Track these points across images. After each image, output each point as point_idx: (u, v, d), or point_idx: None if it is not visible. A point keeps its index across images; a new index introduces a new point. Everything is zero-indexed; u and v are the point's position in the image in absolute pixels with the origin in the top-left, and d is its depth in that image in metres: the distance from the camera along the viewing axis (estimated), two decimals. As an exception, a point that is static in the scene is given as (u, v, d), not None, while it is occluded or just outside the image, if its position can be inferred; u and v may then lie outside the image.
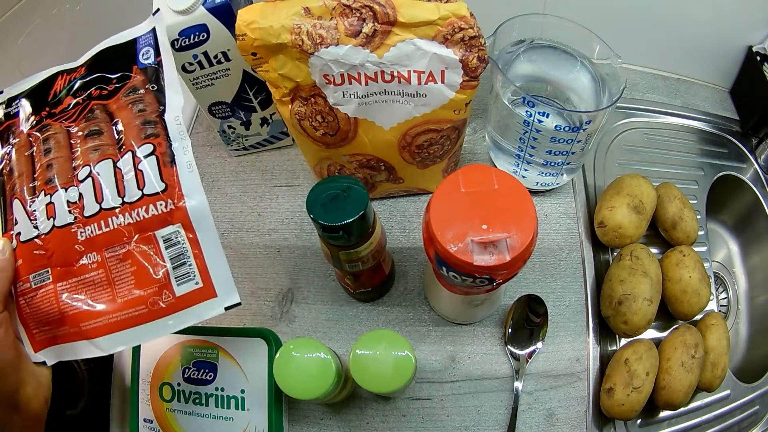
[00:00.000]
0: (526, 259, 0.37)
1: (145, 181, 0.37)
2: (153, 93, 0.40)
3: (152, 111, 0.39)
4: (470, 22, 0.41)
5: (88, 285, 0.38)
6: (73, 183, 0.39)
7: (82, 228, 0.38)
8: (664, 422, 0.52)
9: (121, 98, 0.40)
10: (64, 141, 0.41)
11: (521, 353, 0.52)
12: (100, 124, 0.40)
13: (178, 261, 0.37)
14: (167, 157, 0.38)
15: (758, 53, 0.64)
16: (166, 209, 0.37)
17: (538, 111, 0.47)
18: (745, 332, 0.64)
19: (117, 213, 0.37)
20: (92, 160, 0.39)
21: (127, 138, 0.39)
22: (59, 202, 0.38)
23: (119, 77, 0.41)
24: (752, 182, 0.65)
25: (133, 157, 0.38)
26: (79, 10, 0.66)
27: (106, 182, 0.38)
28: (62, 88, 0.43)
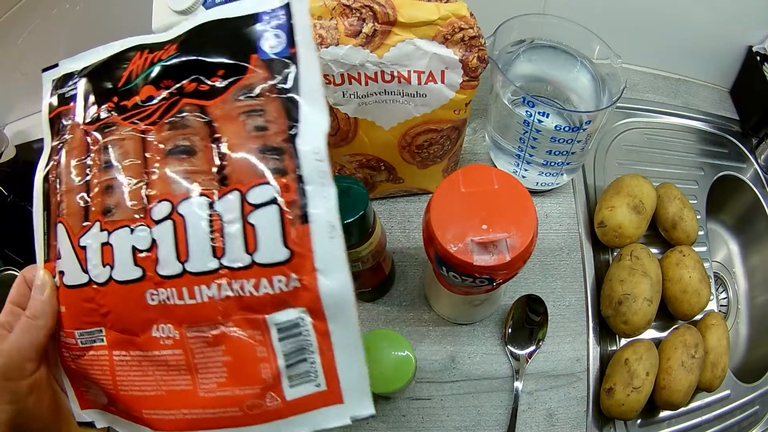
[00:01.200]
0: (526, 259, 0.37)
1: (258, 242, 0.25)
2: (280, 102, 0.27)
3: (278, 131, 0.26)
4: (470, 22, 0.41)
5: (158, 364, 0.27)
6: (144, 221, 0.27)
7: (155, 290, 0.27)
8: (664, 422, 0.52)
9: (229, 101, 0.27)
10: (136, 153, 0.28)
11: (521, 353, 0.52)
12: (192, 137, 0.27)
13: (297, 357, 0.26)
14: (297, 209, 0.25)
15: (758, 53, 0.64)
16: (286, 287, 0.25)
17: (538, 111, 0.47)
18: (745, 332, 0.64)
19: (210, 280, 0.26)
20: (176, 194, 0.27)
21: (235, 168, 0.26)
22: (121, 245, 0.27)
23: (228, 67, 0.28)
24: (752, 182, 0.65)
25: (242, 201, 0.26)
26: (79, 10, 0.66)
27: (196, 231, 0.26)
28: (140, 71, 0.29)
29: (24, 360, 0.28)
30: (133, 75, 0.30)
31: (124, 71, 0.30)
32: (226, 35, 0.28)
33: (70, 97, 0.31)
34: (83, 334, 0.29)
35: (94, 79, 0.31)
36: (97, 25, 0.68)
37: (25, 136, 0.77)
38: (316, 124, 0.26)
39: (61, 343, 0.30)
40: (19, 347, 0.28)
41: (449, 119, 0.47)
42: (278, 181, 0.25)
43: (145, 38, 0.31)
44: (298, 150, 0.26)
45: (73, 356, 0.29)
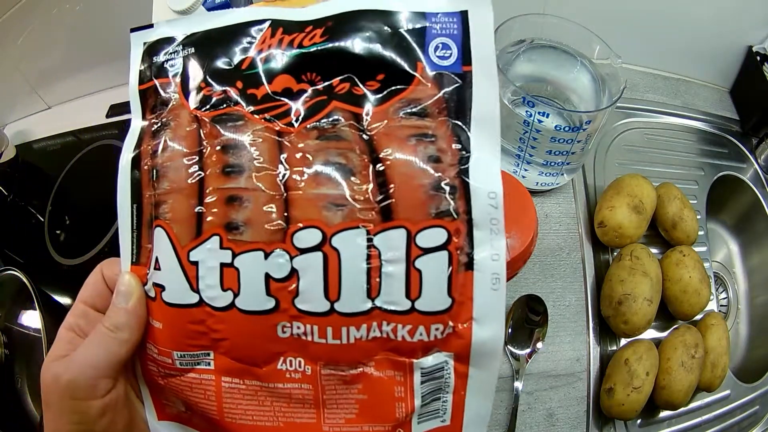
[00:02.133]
0: (526, 260, 0.37)
1: (422, 289, 0.23)
2: (450, 127, 0.23)
3: (451, 163, 0.23)
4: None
5: (278, 397, 0.25)
6: (283, 246, 0.23)
7: (288, 324, 0.23)
8: (664, 422, 0.52)
9: (390, 115, 0.23)
10: (271, 160, 0.23)
11: (521, 353, 0.52)
12: (349, 154, 0.23)
13: (432, 397, 0.25)
14: (464, 256, 0.23)
15: (758, 53, 0.64)
16: (441, 335, 0.23)
17: (538, 111, 0.47)
18: (745, 332, 0.64)
19: (360, 322, 0.23)
20: (329, 222, 0.22)
21: (403, 202, 0.22)
22: (252, 272, 0.23)
23: (391, 72, 0.23)
24: (752, 182, 0.65)
25: (410, 242, 0.22)
26: (79, 10, 0.66)
27: (353, 270, 0.22)
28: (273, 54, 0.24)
29: (97, 377, 0.23)
30: (264, 57, 0.24)
31: (251, 50, 0.24)
32: (388, 32, 0.23)
33: (171, 68, 0.25)
34: (185, 356, 0.24)
35: (206, 51, 0.25)
36: (97, 25, 0.68)
37: (25, 136, 0.78)
38: (490, 159, 0.22)
39: (149, 357, 0.26)
40: (93, 363, 0.23)
41: (449, 119, 0.47)
42: (449, 224, 0.22)
43: (277, 12, 0.24)
44: (471, 188, 0.22)
45: (164, 374, 0.25)
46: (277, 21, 0.25)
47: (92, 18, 0.67)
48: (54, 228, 0.67)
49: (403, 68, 0.23)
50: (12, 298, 0.58)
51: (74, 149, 0.72)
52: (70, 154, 0.72)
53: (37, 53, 0.71)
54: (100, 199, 0.68)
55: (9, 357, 0.56)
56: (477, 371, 0.24)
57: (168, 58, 0.25)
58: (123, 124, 0.73)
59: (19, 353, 0.57)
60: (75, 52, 0.72)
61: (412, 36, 0.23)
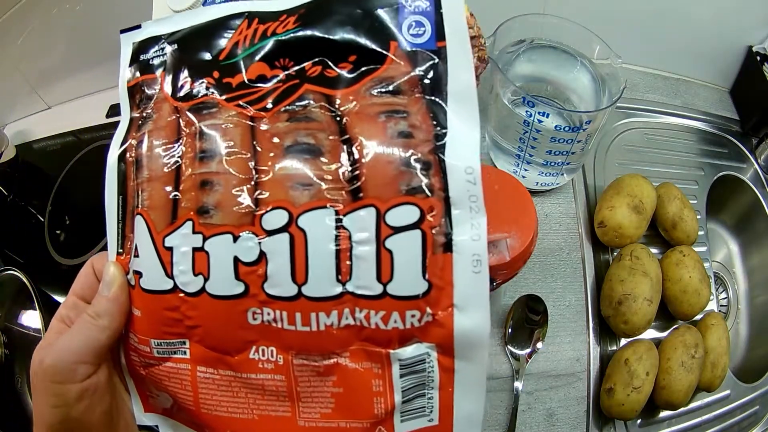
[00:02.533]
0: (526, 260, 0.37)
1: (394, 271, 0.22)
2: (425, 103, 0.22)
3: (424, 139, 0.22)
4: (470, 22, 0.40)
5: (252, 388, 0.24)
6: (252, 229, 0.22)
7: (259, 309, 0.23)
8: (664, 422, 0.52)
9: (362, 94, 0.23)
10: (243, 144, 0.23)
11: (521, 353, 0.52)
12: (318, 134, 0.23)
13: (415, 392, 0.24)
14: (441, 236, 0.21)
15: (758, 53, 0.64)
16: (418, 322, 0.22)
17: (538, 111, 0.47)
18: (745, 332, 0.64)
19: (330, 308, 0.22)
20: (296, 202, 0.22)
21: (372, 180, 0.22)
22: (221, 255, 0.23)
23: (362, 53, 0.23)
24: (752, 182, 0.65)
25: (379, 221, 0.22)
26: (79, 10, 0.66)
27: (320, 251, 0.22)
28: (249, 43, 0.25)
29: (76, 362, 0.24)
30: (239, 47, 0.25)
31: (228, 41, 0.25)
32: (359, 14, 0.23)
33: (156, 65, 0.26)
34: (161, 344, 0.25)
35: (187, 46, 0.26)
36: (97, 25, 0.68)
37: (25, 136, 0.78)
38: (467, 134, 0.22)
39: (130, 346, 0.26)
40: (73, 348, 0.24)
41: (449, 119, 0.47)
42: (422, 201, 0.21)
43: (253, 4, 0.25)
44: (446, 165, 0.22)
45: (144, 363, 0.26)
46: (253, 12, 0.25)
47: (92, 18, 0.67)
48: (54, 228, 0.67)
49: (374, 48, 0.23)
50: (12, 298, 0.58)
51: (74, 149, 0.72)
52: (70, 154, 0.72)
53: (37, 53, 0.71)
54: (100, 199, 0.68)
55: (9, 357, 0.56)
56: (464, 364, 0.23)
57: (154, 56, 0.26)
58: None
59: (19, 353, 0.57)
60: (75, 52, 0.72)
61: (385, 16, 0.23)
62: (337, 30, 0.23)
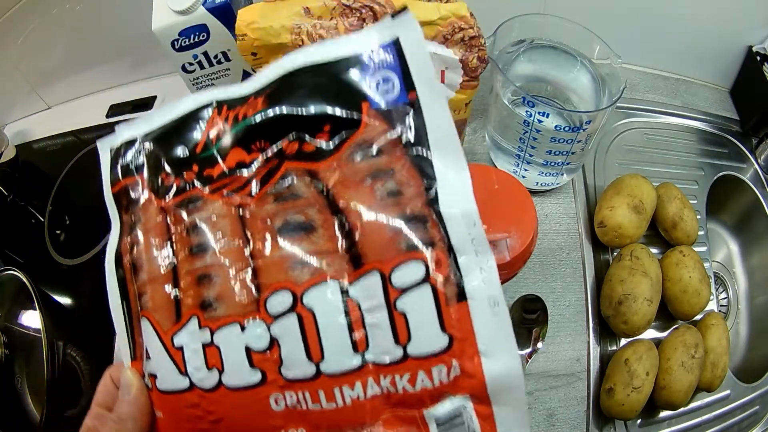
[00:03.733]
0: (526, 260, 0.37)
1: (411, 331, 0.21)
2: (409, 159, 0.22)
3: (414, 194, 0.22)
4: (470, 22, 0.41)
5: None
6: (258, 315, 0.23)
7: (281, 394, 0.22)
8: (664, 422, 0.52)
9: (345, 162, 0.22)
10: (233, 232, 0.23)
11: (521, 353, 0.52)
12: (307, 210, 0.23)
13: None
14: (452, 286, 0.21)
15: (758, 53, 0.64)
16: (447, 378, 0.21)
17: (538, 111, 0.47)
18: (745, 332, 0.64)
19: (353, 380, 0.22)
20: (298, 281, 0.22)
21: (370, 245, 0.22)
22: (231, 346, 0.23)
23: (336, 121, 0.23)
24: (752, 182, 0.65)
25: (385, 284, 0.21)
26: (79, 10, 0.66)
27: (330, 325, 0.22)
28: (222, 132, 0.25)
29: None
30: (214, 138, 0.25)
31: (202, 134, 0.25)
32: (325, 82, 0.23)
33: (137, 167, 0.27)
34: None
35: (163, 145, 0.26)
36: (97, 25, 0.68)
37: (25, 136, 0.78)
38: (457, 179, 0.22)
39: None
40: None
41: (449, 119, 0.47)
42: (424, 256, 0.21)
43: (220, 92, 0.26)
44: (443, 215, 0.21)
45: None
46: (221, 101, 0.25)
47: (92, 18, 0.67)
48: (54, 228, 0.67)
49: (346, 114, 0.22)
50: (12, 298, 0.58)
51: (74, 149, 0.72)
52: (70, 154, 0.72)
53: (37, 53, 0.71)
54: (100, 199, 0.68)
55: (9, 357, 0.56)
56: (503, 409, 0.22)
57: (133, 158, 0.27)
58: (123, 124, 0.73)
59: (19, 353, 0.57)
60: (75, 52, 0.72)
61: (352, 79, 0.23)
62: (306, 102, 0.23)
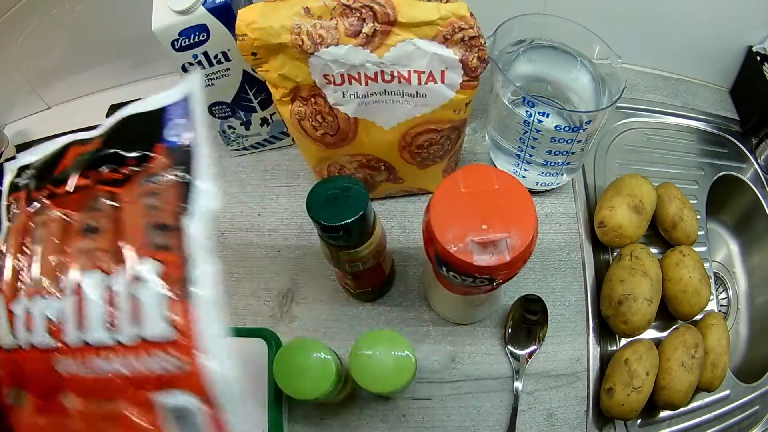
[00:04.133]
0: (526, 259, 0.37)
1: (142, 316, 0.26)
2: (177, 185, 0.28)
3: (169, 211, 0.27)
4: (470, 22, 0.41)
5: None
6: (56, 293, 0.28)
7: (62, 358, 0.27)
8: (664, 422, 0.52)
9: (136, 187, 0.29)
10: (59, 233, 0.30)
11: (521, 353, 0.52)
12: (100, 219, 0.29)
13: None
14: (179, 283, 0.26)
15: (758, 53, 0.64)
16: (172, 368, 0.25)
17: (538, 111, 0.47)
18: (745, 332, 0.64)
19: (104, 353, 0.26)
20: (82, 269, 0.28)
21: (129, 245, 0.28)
22: (38, 314, 0.28)
23: (138, 158, 0.30)
24: (752, 182, 0.65)
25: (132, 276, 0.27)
26: (79, 10, 0.66)
27: (92, 304, 0.27)
28: (71, 162, 0.33)
29: None
30: (67, 165, 0.33)
31: (60, 163, 0.33)
32: (140, 127, 0.31)
33: (23, 185, 0.35)
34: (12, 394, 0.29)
35: (40, 171, 0.34)
36: (97, 25, 0.68)
37: (24, 136, 0.77)
38: (207, 205, 0.28)
39: None
40: None
41: (449, 119, 0.47)
42: (164, 257, 0.26)
43: (81, 135, 0.34)
44: (186, 229, 0.27)
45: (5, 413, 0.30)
46: (79, 140, 0.34)
47: (92, 18, 0.67)
48: (54, 228, 0.67)
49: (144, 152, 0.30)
50: (12, 298, 0.58)
51: (74, 149, 0.72)
52: (70, 154, 0.71)
53: (37, 53, 0.71)
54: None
55: (9, 357, 0.56)
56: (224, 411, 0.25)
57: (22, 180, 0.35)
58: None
59: (19, 353, 0.57)
60: (75, 52, 0.72)
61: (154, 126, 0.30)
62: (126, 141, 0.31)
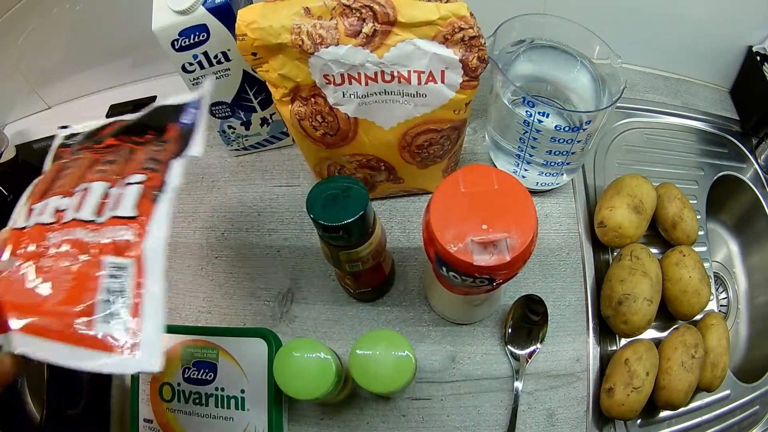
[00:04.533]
0: (526, 259, 0.37)
1: (120, 204, 0.37)
2: (177, 144, 0.41)
3: (166, 155, 0.40)
4: (470, 22, 0.41)
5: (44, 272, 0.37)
6: (69, 194, 0.40)
7: (52, 233, 0.37)
8: (664, 422, 0.52)
9: (150, 146, 0.42)
10: (86, 164, 0.43)
11: (521, 353, 0.52)
12: (118, 157, 0.43)
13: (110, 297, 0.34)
14: (153, 193, 0.37)
15: (758, 53, 0.64)
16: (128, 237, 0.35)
17: (538, 111, 0.47)
18: (745, 332, 0.64)
19: (84, 225, 0.37)
20: (92, 179, 0.40)
21: (130, 168, 0.40)
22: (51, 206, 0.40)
23: (157, 128, 0.43)
24: (752, 182, 0.65)
25: (127, 182, 0.38)
26: (79, 10, 0.66)
27: (91, 198, 0.38)
28: (110, 132, 0.46)
29: None
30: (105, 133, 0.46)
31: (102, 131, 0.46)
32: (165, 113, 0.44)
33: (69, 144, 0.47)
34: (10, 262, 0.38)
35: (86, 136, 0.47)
36: (97, 25, 0.68)
37: (24, 136, 0.78)
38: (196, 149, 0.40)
39: None
40: None
41: (449, 119, 0.47)
42: (149, 173, 0.39)
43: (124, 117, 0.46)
44: (172, 165, 0.39)
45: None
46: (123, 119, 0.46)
47: (92, 18, 0.67)
48: (54, 228, 0.67)
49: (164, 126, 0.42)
50: (12, 297, 0.58)
51: (74, 149, 0.72)
52: (70, 154, 0.72)
53: (37, 53, 0.71)
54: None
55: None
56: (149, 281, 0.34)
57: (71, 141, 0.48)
58: (123, 124, 0.73)
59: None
60: (75, 52, 0.72)
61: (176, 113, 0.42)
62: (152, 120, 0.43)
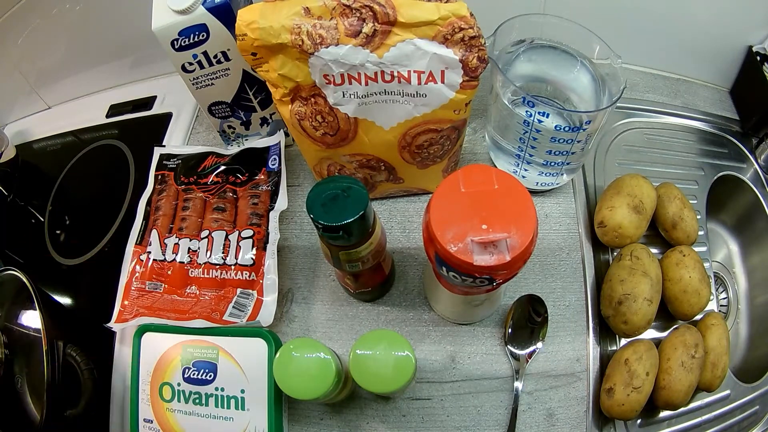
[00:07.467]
0: (526, 259, 0.37)
1: (241, 253, 0.54)
2: (269, 193, 0.56)
3: (263, 207, 0.56)
4: (470, 22, 0.41)
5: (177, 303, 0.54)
6: (197, 237, 0.56)
7: (192, 269, 0.54)
8: (664, 422, 0.52)
9: (247, 189, 0.57)
10: (200, 206, 0.57)
11: (521, 353, 0.52)
12: (226, 204, 0.57)
13: (239, 308, 0.52)
14: (262, 242, 0.54)
15: (758, 53, 0.64)
16: (250, 277, 0.53)
17: (538, 111, 0.47)
18: (745, 332, 0.64)
19: (217, 268, 0.54)
20: (212, 227, 0.56)
21: (240, 220, 0.56)
22: (184, 246, 0.55)
23: (250, 172, 0.58)
24: (752, 182, 0.65)
25: (239, 235, 0.54)
26: (79, 10, 0.66)
27: (217, 245, 0.55)
28: (210, 165, 0.59)
29: None
30: (207, 167, 0.60)
31: (203, 163, 0.60)
32: (254, 156, 0.59)
33: (171, 167, 0.61)
34: (151, 284, 0.55)
35: (185, 162, 0.61)
36: (97, 25, 0.68)
37: (24, 136, 0.78)
38: (281, 204, 0.55)
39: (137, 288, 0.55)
40: None
41: (449, 119, 0.47)
42: (256, 228, 0.55)
43: (218, 149, 0.62)
44: (270, 217, 0.55)
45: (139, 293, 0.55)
46: (217, 153, 0.61)
47: (92, 18, 0.67)
48: (54, 228, 0.67)
49: (255, 170, 0.59)
50: (12, 298, 0.58)
51: (74, 149, 0.72)
52: (70, 154, 0.72)
53: (37, 53, 0.71)
54: (100, 199, 0.68)
55: (9, 357, 0.56)
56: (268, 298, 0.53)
57: (171, 162, 0.62)
58: (123, 124, 0.73)
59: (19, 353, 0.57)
60: (75, 52, 0.72)
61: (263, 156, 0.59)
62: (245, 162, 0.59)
